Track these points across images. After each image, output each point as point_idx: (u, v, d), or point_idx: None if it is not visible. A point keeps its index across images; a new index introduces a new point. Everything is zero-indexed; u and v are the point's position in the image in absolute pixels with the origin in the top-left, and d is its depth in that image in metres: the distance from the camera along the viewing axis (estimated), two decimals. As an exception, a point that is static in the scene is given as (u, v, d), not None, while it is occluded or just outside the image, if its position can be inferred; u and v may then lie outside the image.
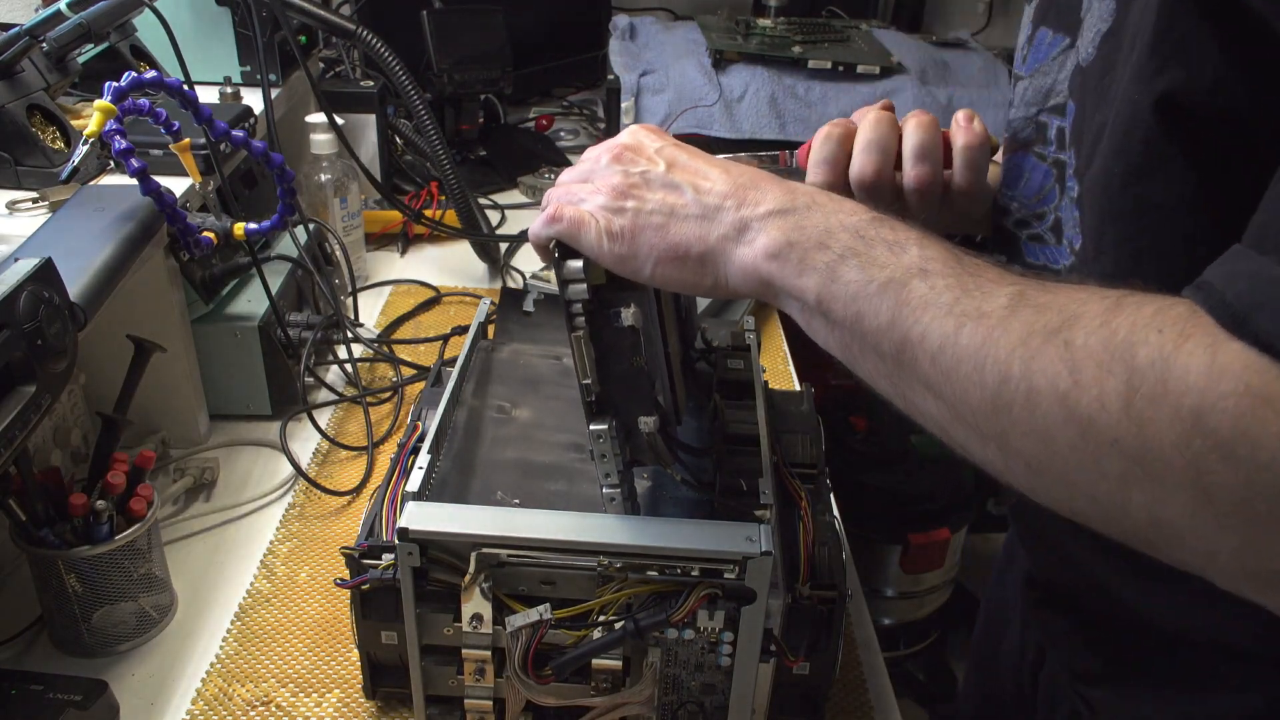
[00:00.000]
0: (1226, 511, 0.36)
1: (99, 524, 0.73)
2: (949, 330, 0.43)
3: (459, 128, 1.61)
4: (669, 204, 0.52)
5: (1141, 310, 0.39)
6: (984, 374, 0.42)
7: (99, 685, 0.69)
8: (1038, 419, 0.41)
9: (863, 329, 0.47)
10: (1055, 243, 0.59)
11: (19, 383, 0.61)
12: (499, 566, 0.61)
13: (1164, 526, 0.39)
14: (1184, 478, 0.37)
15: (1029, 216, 0.62)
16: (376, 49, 1.16)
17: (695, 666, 0.64)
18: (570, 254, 0.55)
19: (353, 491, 0.94)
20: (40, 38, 0.90)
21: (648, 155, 0.55)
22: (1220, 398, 0.35)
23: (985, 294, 0.44)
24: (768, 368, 1.15)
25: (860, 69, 1.57)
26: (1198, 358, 0.36)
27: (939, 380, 0.44)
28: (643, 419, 0.59)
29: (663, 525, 0.61)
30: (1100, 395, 0.38)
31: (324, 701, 0.73)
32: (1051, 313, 0.41)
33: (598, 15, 1.96)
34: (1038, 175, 0.60)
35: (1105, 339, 0.39)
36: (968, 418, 0.44)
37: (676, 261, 0.52)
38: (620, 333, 0.56)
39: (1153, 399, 0.37)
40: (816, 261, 0.48)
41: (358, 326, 1.16)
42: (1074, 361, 0.39)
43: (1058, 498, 0.42)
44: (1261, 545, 0.36)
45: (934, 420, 0.46)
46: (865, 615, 0.84)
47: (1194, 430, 0.36)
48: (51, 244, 0.77)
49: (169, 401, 0.97)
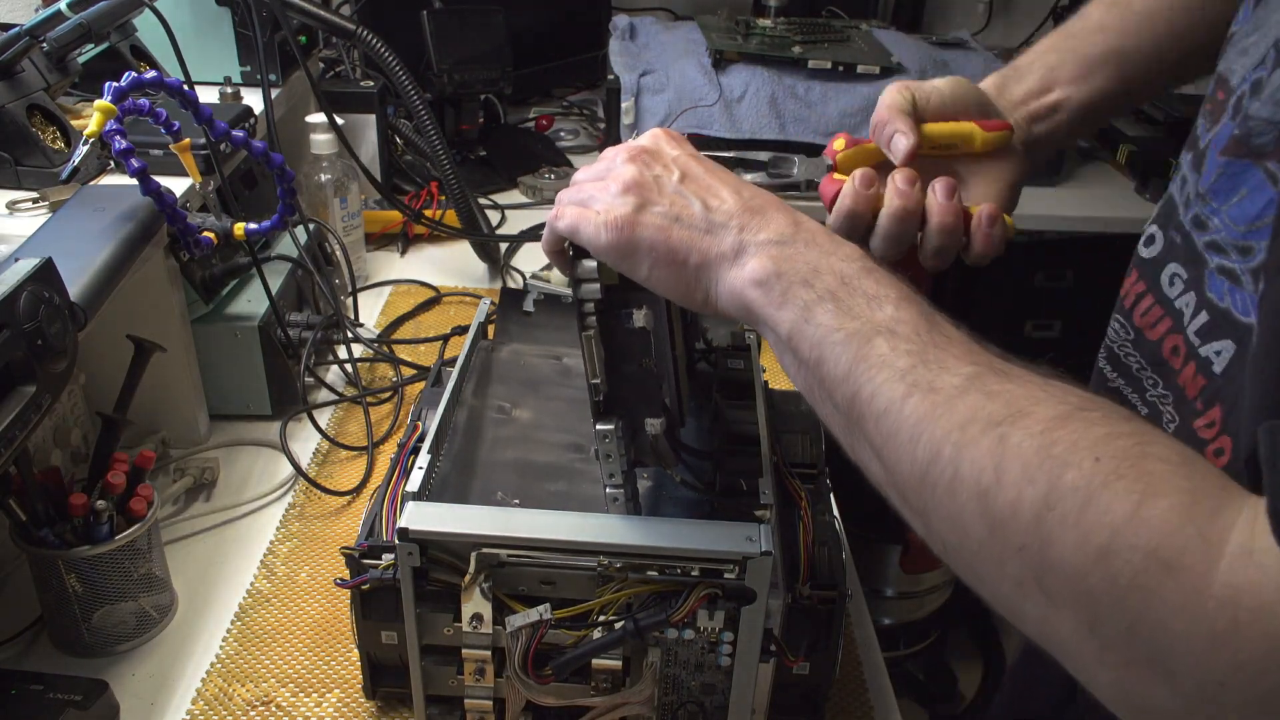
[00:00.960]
0: (1108, 647, 0.37)
1: (99, 524, 0.73)
2: (897, 396, 0.43)
3: (459, 128, 1.61)
4: (676, 209, 0.52)
5: (1090, 430, 0.39)
6: (917, 448, 0.42)
7: (99, 685, 0.69)
8: (956, 506, 0.41)
9: (822, 374, 0.47)
10: (1254, 289, 0.49)
11: (19, 383, 0.61)
12: (499, 566, 0.61)
13: (1052, 640, 0.39)
14: (1075, 605, 0.37)
15: (1229, 244, 0.51)
16: (376, 49, 1.16)
17: (695, 666, 0.64)
18: (584, 253, 0.55)
19: (353, 491, 0.94)
20: (40, 38, 0.90)
21: (664, 162, 0.55)
22: (1129, 548, 0.35)
23: (943, 368, 0.43)
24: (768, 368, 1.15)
25: (860, 69, 1.57)
26: (1123, 500, 0.36)
27: (880, 443, 0.44)
28: (649, 420, 0.59)
29: (663, 525, 0.61)
30: (1017, 501, 0.38)
31: (324, 701, 0.73)
32: (999, 403, 0.41)
33: (598, 15, 1.96)
34: (1259, 199, 0.49)
35: (1041, 447, 0.39)
36: (899, 486, 0.44)
37: (673, 266, 0.52)
38: (631, 334, 0.56)
39: (1064, 523, 0.37)
40: (796, 297, 0.48)
41: (358, 326, 1.16)
42: (1003, 460, 0.39)
43: (968, 582, 0.43)
44: (1136, 687, 0.37)
45: (875, 479, 0.46)
46: (865, 615, 0.84)
47: (1094, 567, 0.36)
48: (51, 244, 0.77)
49: (169, 401, 0.97)
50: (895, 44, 1.68)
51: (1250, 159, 0.50)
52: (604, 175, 0.55)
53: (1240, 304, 0.51)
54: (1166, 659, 0.35)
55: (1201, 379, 0.54)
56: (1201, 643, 0.34)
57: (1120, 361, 0.64)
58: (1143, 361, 0.61)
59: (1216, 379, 0.53)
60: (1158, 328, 0.59)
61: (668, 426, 0.60)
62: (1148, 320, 0.60)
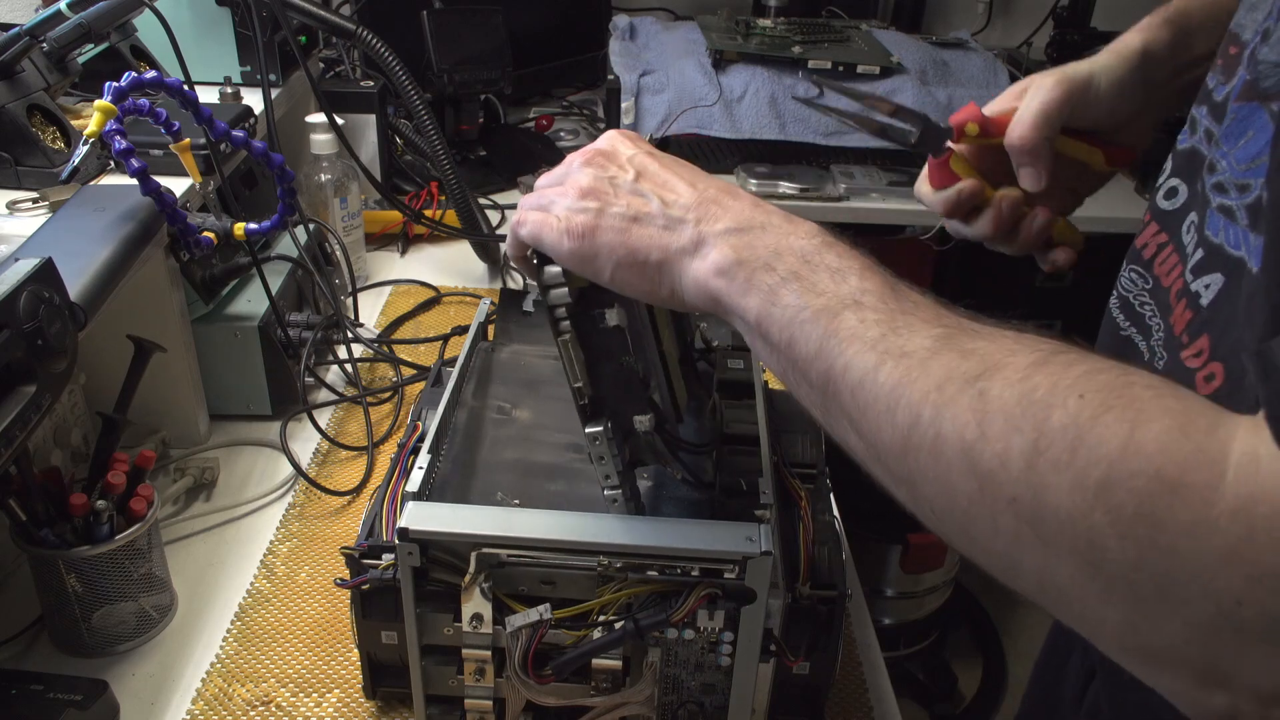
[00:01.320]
0: (1113, 586, 0.36)
1: (99, 524, 0.73)
2: (870, 365, 0.43)
3: (459, 128, 1.61)
4: (634, 209, 0.52)
5: (1069, 370, 0.38)
6: (896, 414, 0.42)
7: (99, 685, 0.69)
8: (941, 467, 0.40)
9: (794, 355, 0.47)
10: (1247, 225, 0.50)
11: (19, 383, 0.61)
12: (499, 566, 0.61)
13: (1051, 590, 0.38)
14: (1076, 547, 0.36)
15: (1230, 183, 0.52)
16: (376, 49, 1.16)
17: (695, 666, 0.64)
18: (549, 259, 0.55)
19: (353, 491, 0.94)
20: (40, 38, 0.90)
21: (620, 162, 0.55)
22: (1130, 475, 0.35)
23: (913, 332, 0.43)
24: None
25: (860, 69, 1.57)
26: (1115, 430, 0.35)
27: (857, 415, 0.44)
28: (637, 418, 0.59)
29: (663, 525, 0.61)
30: (1004, 452, 0.38)
31: (324, 701, 0.73)
32: (974, 359, 0.41)
33: (598, 15, 1.96)
34: (1261, 139, 0.50)
35: (1022, 394, 0.38)
36: (881, 456, 0.43)
37: (635, 267, 0.52)
38: (607, 333, 0.56)
39: (1057, 465, 0.36)
40: (760, 282, 0.48)
41: (358, 326, 1.16)
42: (985, 413, 0.39)
43: (960, 546, 0.42)
44: (1142, 623, 0.36)
45: (856, 454, 0.46)
46: (865, 615, 0.84)
47: (1095, 503, 0.35)
48: (51, 244, 0.77)
49: (169, 401, 0.97)
50: (895, 44, 1.68)
51: (1257, 101, 0.51)
52: (563, 180, 0.55)
53: (1233, 239, 0.51)
54: (1177, 587, 0.34)
55: (1189, 313, 0.54)
56: (1214, 560, 0.33)
57: (1134, 310, 0.64)
58: (1155, 308, 0.61)
59: (1202, 311, 0.53)
60: (1172, 274, 0.59)
61: (659, 422, 0.60)
62: (1164, 268, 0.60)
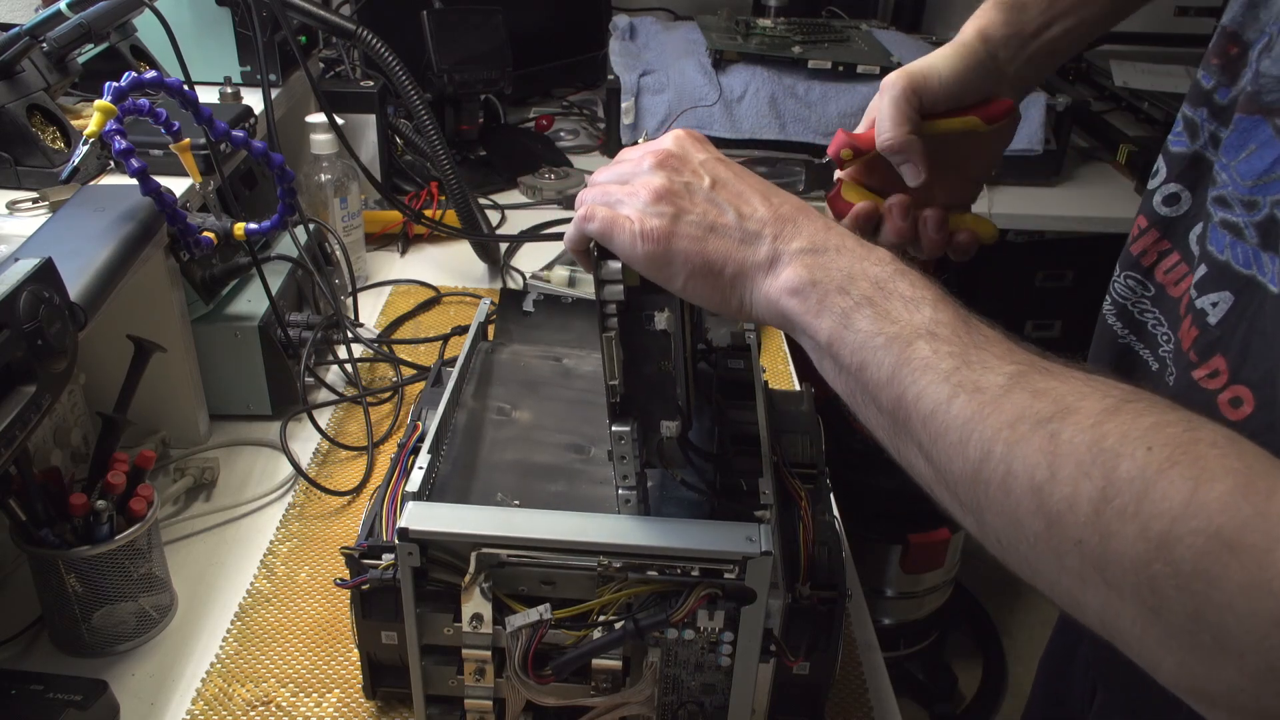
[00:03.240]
0: (1172, 633, 0.37)
1: (99, 524, 0.73)
2: (943, 397, 0.44)
3: (459, 128, 1.61)
4: (710, 219, 0.52)
5: (1139, 420, 0.39)
6: (968, 447, 0.43)
7: (99, 685, 0.69)
8: (1010, 503, 0.41)
9: (865, 379, 0.47)
10: (1258, 244, 0.51)
11: (19, 383, 0.61)
12: (499, 566, 0.61)
13: (1113, 629, 0.39)
14: (1139, 593, 0.37)
15: (1234, 199, 0.53)
16: (376, 49, 1.16)
17: (695, 666, 0.64)
18: (609, 254, 0.54)
19: (353, 491, 0.94)
20: (40, 38, 0.90)
21: (693, 167, 0.55)
22: (1190, 533, 0.36)
23: (986, 368, 0.44)
24: (768, 368, 1.15)
25: (860, 69, 1.57)
26: (1179, 487, 0.36)
27: (927, 443, 0.45)
28: (665, 423, 0.59)
29: (663, 525, 0.61)
30: (1073, 496, 0.39)
31: (324, 701, 0.73)
32: (1047, 400, 0.41)
33: (598, 15, 1.96)
34: (1268, 154, 0.51)
35: (1093, 441, 0.39)
36: (950, 484, 0.44)
37: (710, 278, 0.52)
38: (653, 336, 0.56)
39: (1123, 514, 0.37)
40: (834, 305, 0.49)
41: (358, 326, 1.16)
42: (1056, 455, 0.40)
43: (1025, 576, 0.43)
44: (1200, 670, 0.37)
45: (923, 479, 0.47)
46: (865, 615, 0.84)
47: (1156, 554, 0.36)
48: (51, 244, 0.77)
49: (169, 401, 0.97)
50: (895, 44, 1.68)
51: (1261, 114, 0.51)
52: (629, 178, 0.55)
53: (1241, 257, 0.52)
54: (1233, 640, 0.35)
55: (1195, 330, 0.55)
56: (1266, 620, 0.34)
57: (1134, 319, 0.64)
58: (1160, 317, 0.62)
59: (1211, 330, 0.54)
60: (1180, 284, 0.60)
61: (682, 429, 0.60)
62: (1170, 277, 0.61)
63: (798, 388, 1.09)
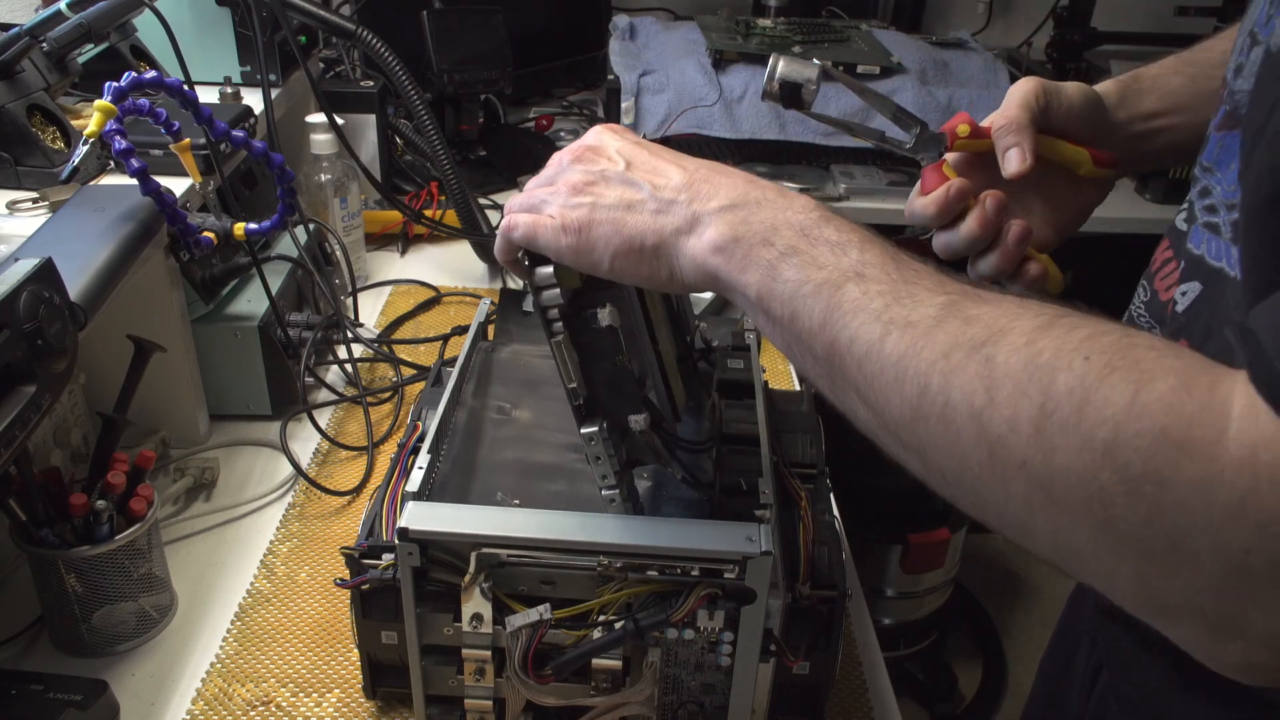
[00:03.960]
0: (1124, 543, 0.37)
1: (99, 524, 0.73)
2: (875, 337, 0.44)
3: (459, 128, 1.61)
4: (626, 198, 0.53)
5: (1073, 333, 0.39)
6: (904, 384, 0.42)
7: (99, 685, 0.69)
8: (951, 434, 0.41)
9: (798, 329, 0.47)
10: (1230, 238, 0.54)
11: (19, 383, 0.61)
12: (499, 566, 0.61)
13: (1065, 551, 0.39)
14: (1087, 507, 0.37)
15: (1221, 204, 0.56)
16: (376, 49, 1.16)
17: (695, 666, 0.64)
18: (540, 260, 0.55)
19: (353, 491, 0.94)
20: (40, 38, 0.90)
21: (608, 155, 0.55)
22: (1135, 435, 0.35)
23: (916, 301, 0.44)
24: (768, 368, 1.15)
25: (860, 69, 1.57)
26: (1120, 391, 0.36)
27: (864, 387, 0.44)
28: (633, 417, 0.59)
29: (663, 525, 0.61)
30: (1013, 417, 0.38)
31: (324, 701, 0.73)
32: (979, 326, 0.41)
33: (598, 15, 1.96)
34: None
35: (1028, 359, 0.39)
36: (891, 426, 0.44)
37: (633, 254, 0.52)
38: (599, 334, 0.56)
39: (1065, 427, 0.37)
40: (759, 258, 0.48)
41: (358, 326, 1.16)
42: (992, 379, 0.39)
43: (973, 512, 0.43)
44: (1154, 578, 0.37)
45: (865, 426, 0.47)
46: (865, 615, 0.84)
47: (1103, 463, 0.36)
48: (51, 244, 0.77)
49: (169, 401, 0.97)
50: (895, 44, 1.68)
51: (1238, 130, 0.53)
52: (553, 180, 0.55)
53: (1214, 250, 0.54)
54: (1188, 541, 0.35)
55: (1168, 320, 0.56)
56: (1221, 513, 0.34)
57: (1135, 324, 0.65)
58: (1151, 320, 0.63)
59: (1178, 317, 0.55)
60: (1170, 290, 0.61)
61: (655, 422, 0.60)
62: (1165, 283, 0.62)
63: (798, 388, 1.09)
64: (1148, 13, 2.08)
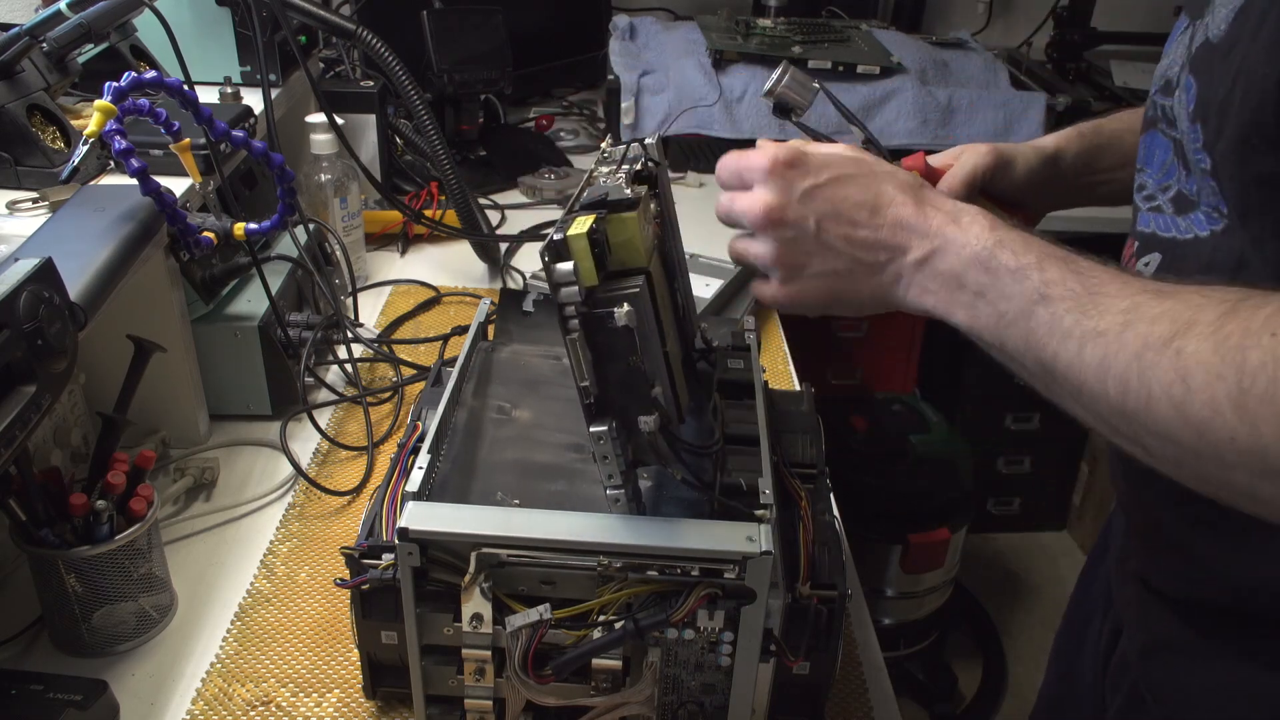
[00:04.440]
0: None
1: (99, 524, 0.73)
2: (1073, 352, 0.49)
3: (459, 128, 1.61)
4: (829, 266, 0.60)
5: (1258, 313, 0.42)
6: (1107, 388, 0.47)
7: (99, 685, 0.69)
8: (1161, 425, 0.45)
9: (1007, 353, 0.54)
10: (1173, 213, 0.61)
11: (19, 383, 0.61)
12: (499, 566, 0.61)
13: None
14: None
15: (1155, 190, 0.63)
16: (376, 49, 1.16)
17: (695, 666, 0.64)
18: (559, 256, 0.54)
19: (353, 491, 0.94)
20: (40, 38, 0.90)
21: (792, 219, 0.60)
22: None
23: (1102, 311, 0.48)
24: (768, 368, 1.15)
25: (860, 69, 1.57)
26: None
27: (1075, 393, 0.50)
28: (643, 418, 0.59)
29: (663, 525, 0.61)
30: (1212, 399, 0.42)
31: (324, 701, 0.73)
32: (1164, 323, 0.45)
33: (598, 15, 1.96)
34: (1164, 150, 0.62)
35: (1217, 344, 0.42)
36: (1107, 424, 0.49)
37: (849, 307, 0.62)
38: (615, 333, 0.56)
39: (1263, 399, 0.40)
40: (958, 300, 0.56)
41: (358, 326, 1.16)
42: (1186, 369, 0.43)
43: (1204, 490, 0.46)
44: None
45: (1087, 423, 0.51)
46: (865, 615, 0.84)
47: None
48: (51, 244, 0.77)
49: (169, 401, 0.97)
50: (895, 44, 1.68)
51: (1154, 130, 0.63)
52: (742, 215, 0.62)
53: (1163, 225, 0.61)
54: None
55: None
56: None
57: None
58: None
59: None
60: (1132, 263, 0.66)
61: (663, 423, 0.60)
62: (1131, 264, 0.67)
63: (798, 388, 1.09)
64: (1148, 13, 2.08)
